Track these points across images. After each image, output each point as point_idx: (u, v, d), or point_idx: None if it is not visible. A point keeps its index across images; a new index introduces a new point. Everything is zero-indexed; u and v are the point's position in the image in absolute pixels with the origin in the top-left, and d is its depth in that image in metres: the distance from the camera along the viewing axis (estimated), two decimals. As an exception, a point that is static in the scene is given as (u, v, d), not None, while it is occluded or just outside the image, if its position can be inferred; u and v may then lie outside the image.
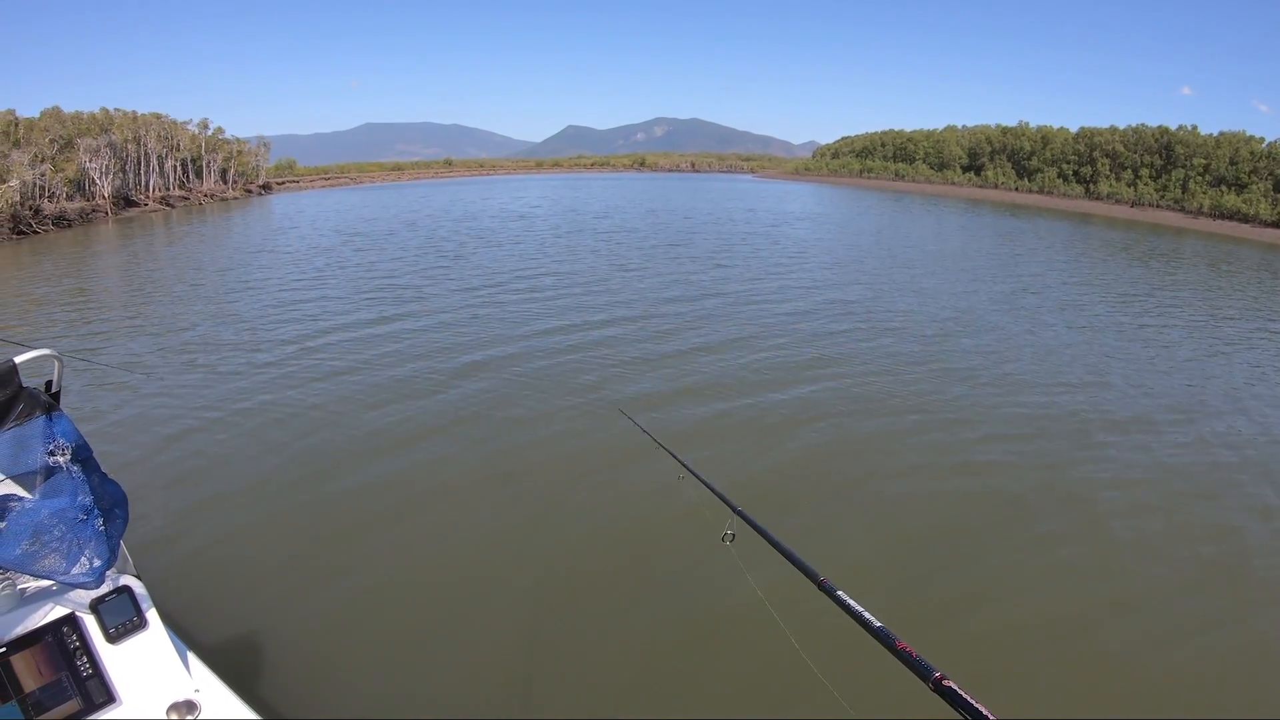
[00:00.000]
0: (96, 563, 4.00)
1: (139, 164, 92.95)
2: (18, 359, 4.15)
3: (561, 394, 15.61)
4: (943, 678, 1.82)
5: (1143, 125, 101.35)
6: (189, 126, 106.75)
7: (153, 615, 4.45)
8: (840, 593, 2.58)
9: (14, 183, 62.50)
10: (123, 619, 4.30)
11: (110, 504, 4.18)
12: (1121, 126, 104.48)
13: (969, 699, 1.67)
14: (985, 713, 1.54)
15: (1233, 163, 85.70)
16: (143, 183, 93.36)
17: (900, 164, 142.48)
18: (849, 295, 27.46)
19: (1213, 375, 19.19)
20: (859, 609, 2.45)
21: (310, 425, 13.72)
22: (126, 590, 4.44)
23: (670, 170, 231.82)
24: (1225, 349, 22.15)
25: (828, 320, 23.14)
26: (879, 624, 2.32)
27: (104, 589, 4.32)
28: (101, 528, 4.07)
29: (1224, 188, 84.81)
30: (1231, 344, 22.85)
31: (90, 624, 4.22)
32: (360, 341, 19.72)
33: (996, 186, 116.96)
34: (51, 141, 78.56)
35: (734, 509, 4.01)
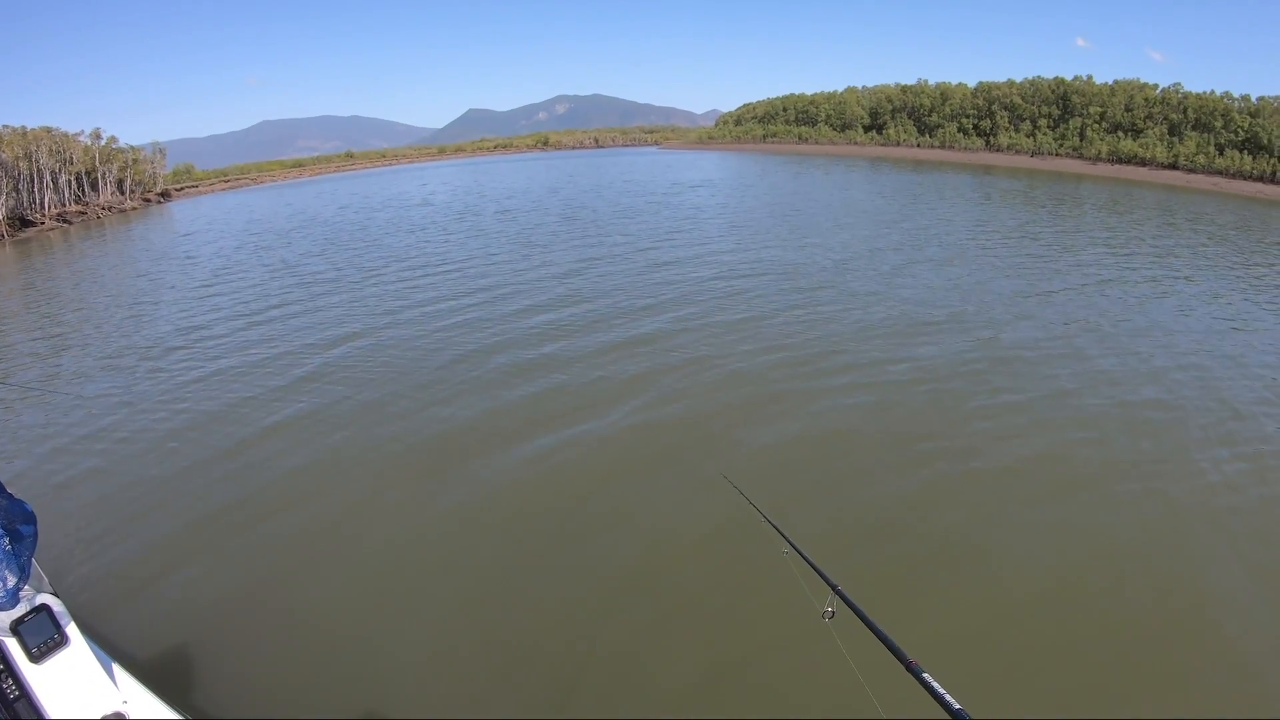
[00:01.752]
0: (9, 583, 4.17)
1: (32, 182, 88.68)
2: None
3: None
4: None
5: (1039, 77, 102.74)
6: (81, 138, 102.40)
7: (73, 631, 4.48)
8: (926, 675, 2.72)
9: None
10: (44, 638, 4.31)
11: (18, 523, 4.30)
12: (1019, 79, 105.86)
13: None
14: None
15: (1128, 109, 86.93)
16: (37, 201, 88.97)
17: (803, 127, 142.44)
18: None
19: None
20: (940, 691, 2.62)
21: (226, 437, 13.35)
22: (45, 609, 4.44)
23: (574, 148, 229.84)
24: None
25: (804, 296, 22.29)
26: (958, 706, 2.52)
27: (21, 609, 4.36)
28: (9, 547, 4.19)
29: (1120, 134, 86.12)
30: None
31: (12, 646, 4.23)
32: (289, 353, 18.56)
33: (899, 144, 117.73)
34: None
35: (833, 587, 3.88)
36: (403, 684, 7.37)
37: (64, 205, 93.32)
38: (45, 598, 4.61)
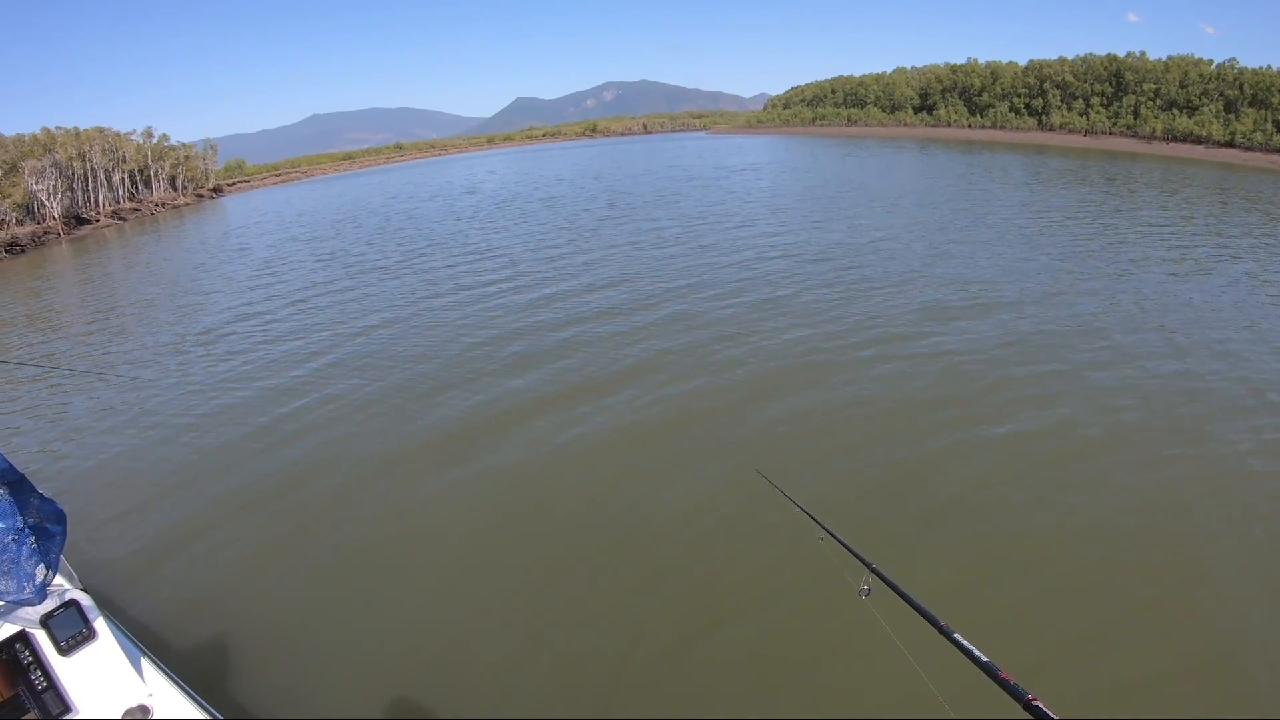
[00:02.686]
0: (37, 580, 4.27)
1: (86, 180, 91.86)
2: None
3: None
4: (1033, 698, 2.19)
5: (1091, 54, 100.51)
6: (133, 137, 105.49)
7: (101, 625, 4.60)
8: (956, 635, 2.89)
9: None
10: (72, 631, 4.45)
11: (47, 522, 4.44)
12: (1070, 57, 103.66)
13: (1051, 715, 2.04)
14: None
15: (1183, 86, 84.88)
16: (92, 199, 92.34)
17: (852, 109, 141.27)
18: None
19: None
20: (969, 646, 2.76)
21: (274, 437, 13.12)
22: (74, 604, 4.59)
23: (623, 134, 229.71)
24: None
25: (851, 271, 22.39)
26: (985, 659, 2.63)
27: (51, 604, 4.52)
28: (35, 545, 4.29)
29: (1175, 111, 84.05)
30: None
31: (42, 639, 4.39)
32: (327, 353, 18.32)
33: (950, 125, 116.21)
34: None
35: (869, 566, 4.01)
36: (435, 683, 7.32)
37: (118, 202, 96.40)
38: (75, 593, 4.77)
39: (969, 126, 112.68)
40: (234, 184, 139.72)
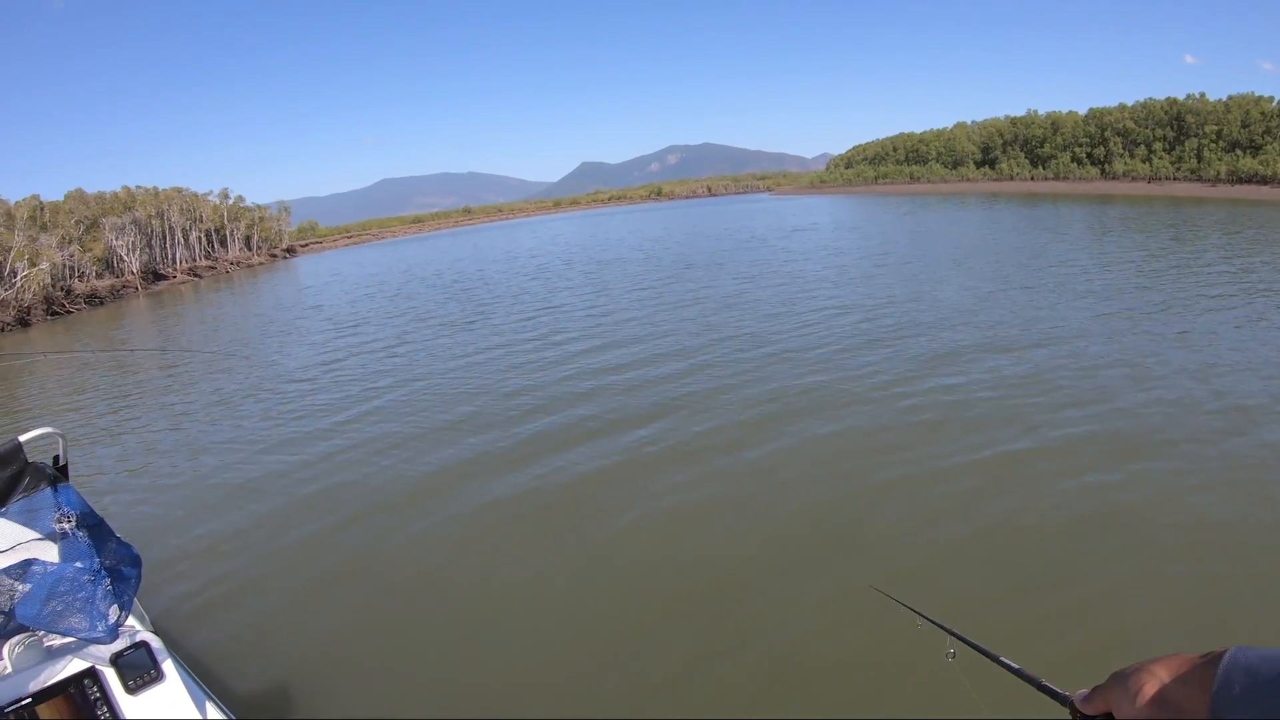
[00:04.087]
0: (110, 620, 4.19)
1: (164, 238, 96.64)
2: (22, 438, 4.46)
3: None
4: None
5: (1151, 99, 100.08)
6: (210, 198, 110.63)
7: (169, 667, 4.59)
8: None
9: (44, 265, 65.34)
10: (141, 671, 4.45)
11: (123, 565, 4.41)
12: (1130, 103, 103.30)
13: None
14: None
15: (1244, 125, 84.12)
16: (169, 256, 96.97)
17: (914, 166, 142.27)
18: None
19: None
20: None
21: (343, 486, 12.52)
22: (144, 645, 4.59)
23: (687, 197, 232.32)
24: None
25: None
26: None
27: (122, 644, 4.50)
28: (110, 587, 4.29)
29: (1239, 151, 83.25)
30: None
31: (110, 676, 4.37)
32: (420, 400, 17.64)
33: (1012, 178, 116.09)
34: (77, 223, 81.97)
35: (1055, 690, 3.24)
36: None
37: (194, 260, 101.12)
38: (145, 634, 4.80)
39: (1031, 179, 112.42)
40: (307, 245, 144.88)
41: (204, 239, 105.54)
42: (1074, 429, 11.83)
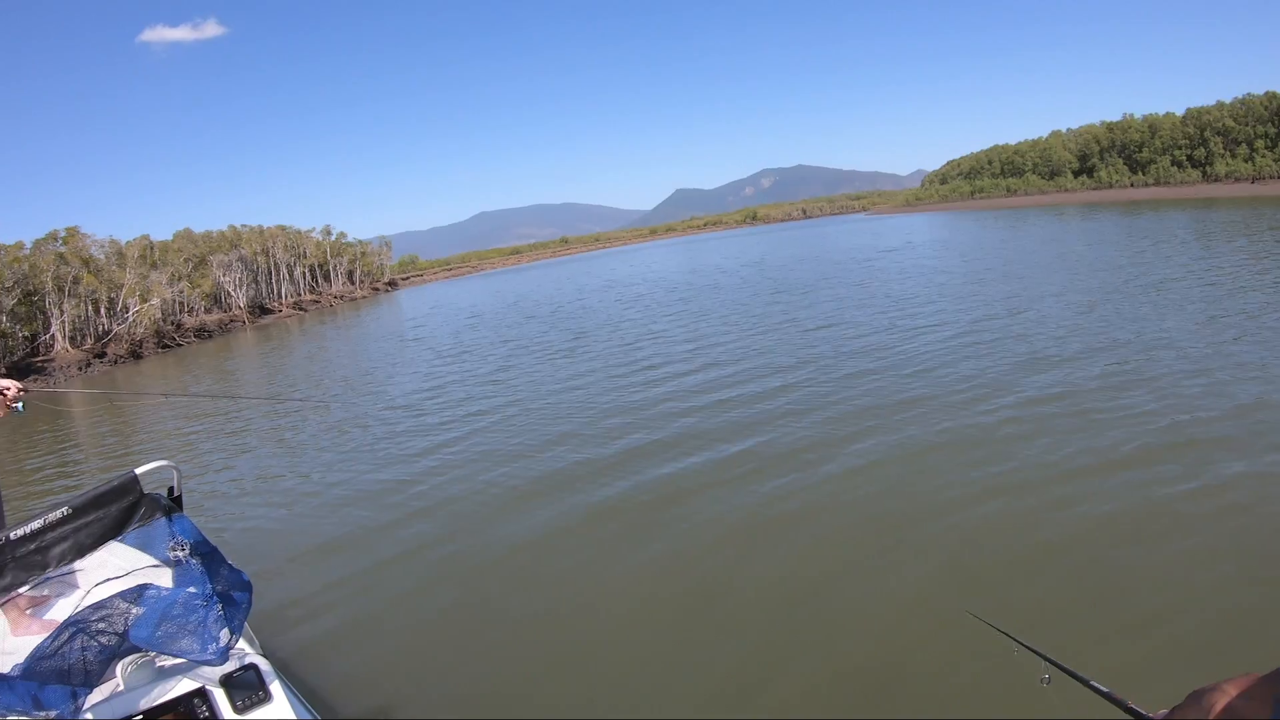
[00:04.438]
0: (221, 642, 4.40)
1: (269, 274, 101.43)
2: (138, 470, 4.59)
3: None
4: None
5: (1250, 95, 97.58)
6: (313, 234, 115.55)
7: (277, 689, 4.68)
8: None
9: (155, 301, 70.11)
10: (249, 693, 4.57)
11: (234, 590, 4.62)
12: (1228, 100, 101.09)
13: None
14: None
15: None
16: (275, 290, 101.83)
17: (1010, 179, 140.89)
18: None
19: None
20: None
21: (450, 511, 12.39)
22: (253, 668, 4.75)
23: (783, 220, 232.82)
24: None
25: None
26: None
27: (231, 666, 4.66)
28: (222, 612, 4.49)
29: (1349, 143, 79.53)
30: None
31: (219, 697, 4.51)
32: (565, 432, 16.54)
33: (1111, 186, 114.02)
34: (186, 260, 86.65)
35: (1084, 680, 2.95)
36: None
37: (299, 294, 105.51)
38: (255, 658, 4.91)
39: (1131, 186, 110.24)
40: (408, 278, 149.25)
41: (308, 274, 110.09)
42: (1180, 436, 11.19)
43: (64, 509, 4.28)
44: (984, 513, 9.57)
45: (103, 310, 66.26)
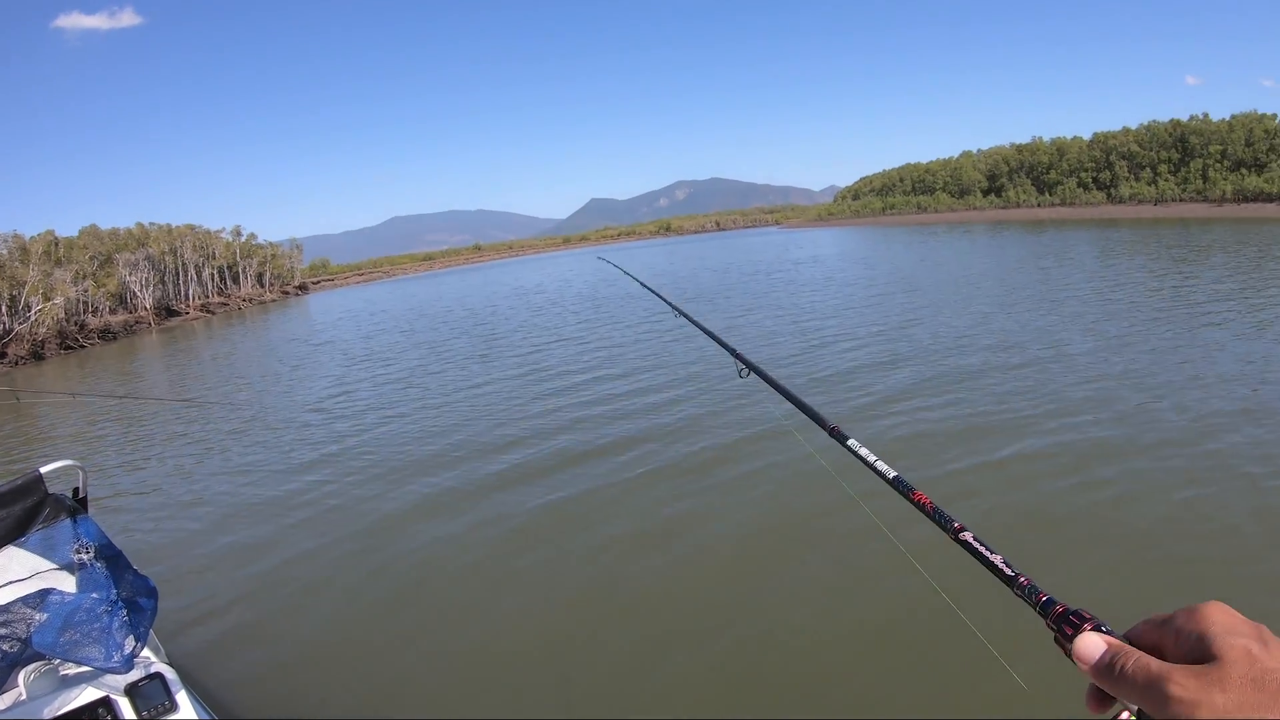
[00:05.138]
0: (125, 650, 4.26)
1: (177, 275, 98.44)
2: (43, 469, 4.52)
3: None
4: (961, 528, 1.70)
5: (1154, 121, 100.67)
6: (223, 235, 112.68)
7: (183, 698, 4.59)
8: (852, 441, 2.29)
9: (58, 300, 66.69)
10: (155, 703, 4.46)
11: (139, 597, 4.47)
12: (1134, 126, 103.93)
13: (986, 550, 1.58)
14: (1002, 564, 1.46)
15: (1248, 144, 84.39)
16: (182, 292, 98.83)
17: (921, 196, 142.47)
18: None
19: None
20: (872, 458, 2.17)
21: (364, 509, 12.57)
22: (159, 676, 4.62)
23: (696, 232, 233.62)
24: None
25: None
26: (894, 473, 2.06)
27: (136, 675, 4.55)
28: (127, 618, 4.36)
29: (1244, 170, 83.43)
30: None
31: (124, 706, 4.39)
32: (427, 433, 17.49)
33: (1019, 205, 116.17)
34: (91, 258, 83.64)
35: (734, 352, 3.92)
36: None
37: (207, 296, 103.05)
38: (160, 666, 4.84)
39: (1038, 206, 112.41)
40: (318, 282, 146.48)
41: (217, 276, 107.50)
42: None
43: None
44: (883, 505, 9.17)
45: (3, 308, 63.01)
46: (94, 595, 4.36)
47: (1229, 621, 0.80)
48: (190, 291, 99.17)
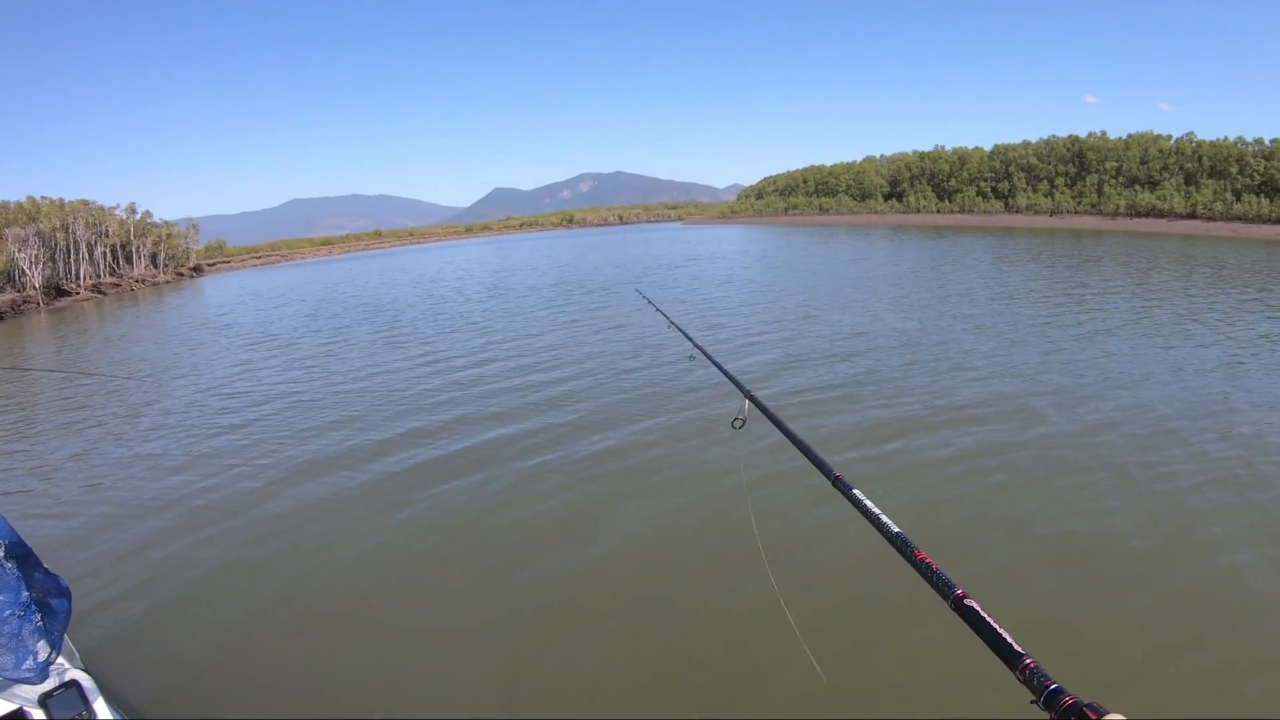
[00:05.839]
0: (40, 657, 4.12)
1: (68, 252, 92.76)
2: None
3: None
4: (964, 595, 1.67)
5: (1054, 136, 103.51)
6: (117, 212, 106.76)
7: (101, 707, 4.35)
8: (856, 491, 2.28)
9: None
10: (71, 713, 4.22)
11: (51, 598, 4.29)
12: (1034, 140, 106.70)
13: (991, 622, 1.53)
14: (1009, 639, 1.42)
15: (1143, 162, 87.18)
16: (73, 271, 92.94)
17: (824, 198, 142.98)
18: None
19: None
20: (875, 510, 2.11)
21: (257, 499, 12.44)
22: (75, 684, 4.38)
23: (599, 225, 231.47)
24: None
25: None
26: (897, 529, 2.01)
27: (50, 684, 4.31)
28: (40, 623, 4.18)
29: (1138, 187, 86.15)
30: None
31: (39, 717, 4.12)
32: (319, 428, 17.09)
33: (919, 211, 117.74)
34: None
35: (746, 392, 3.75)
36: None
37: (99, 276, 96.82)
38: (75, 673, 4.55)
39: (938, 212, 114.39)
40: (214, 264, 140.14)
41: (109, 254, 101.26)
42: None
43: None
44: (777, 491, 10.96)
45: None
46: (2, 598, 4.07)
47: None
48: (82, 270, 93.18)
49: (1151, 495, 10.35)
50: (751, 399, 3.66)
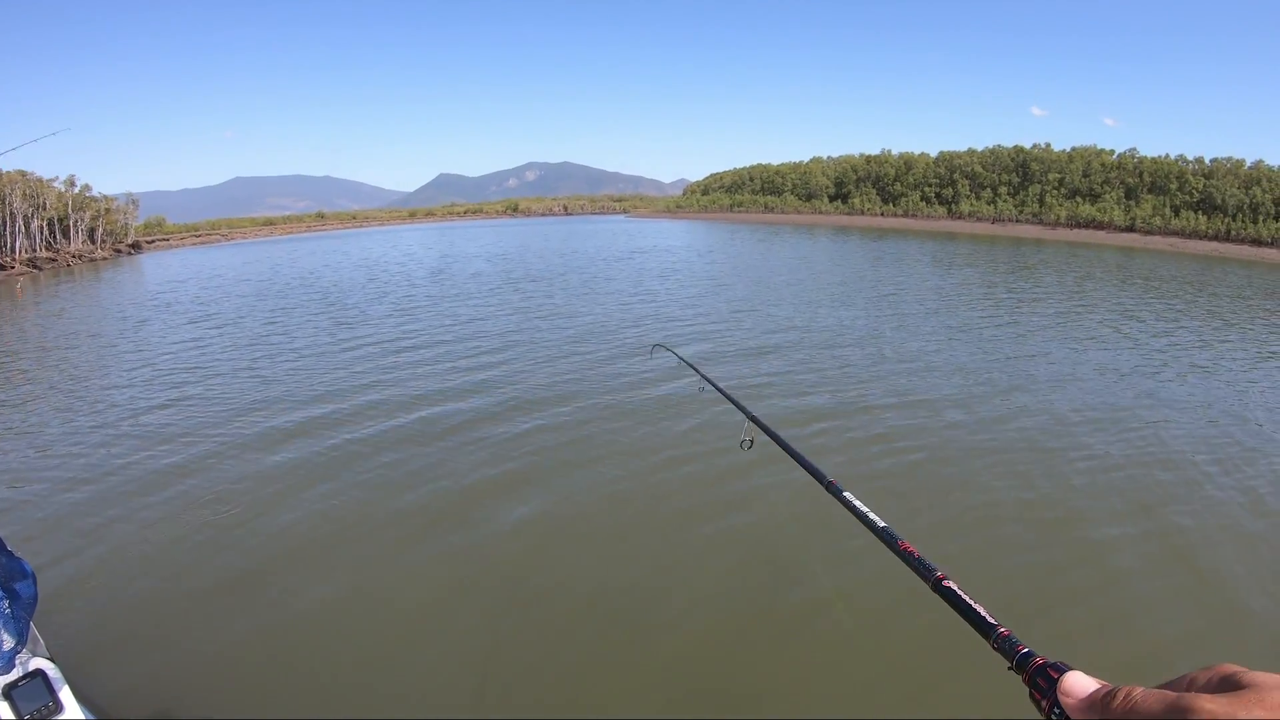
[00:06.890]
0: (4, 646, 4.02)
1: (3, 225, 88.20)
2: None
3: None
4: (943, 577, 1.81)
5: (999, 146, 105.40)
6: (55, 184, 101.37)
7: (67, 697, 4.26)
8: (847, 494, 2.51)
9: None
10: (37, 704, 4.12)
11: (16, 582, 4.17)
12: (979, 148, 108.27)
13: (968, 599, 1.66)
14: (983, 613, 1.55)
15: (1085, 175, 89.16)
16: (7, 244, 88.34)
17: (769, 197, 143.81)
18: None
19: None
20: (864, 509, 2.34)
21: (216, 485, 11.84)
22: (40, 674, 4.26)
23: (544, 215, 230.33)
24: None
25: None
26: (883, 524, 2.22)
27: (14, 674, 4.20)
28: (8, 609, 4.09)
29: (1079, 199, 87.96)
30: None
31: (3, 711, 4.04)
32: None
33: (863, 213, 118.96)
34: None
35: (750, 416, 3.95)
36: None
37: (34, 251, 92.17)
38: (40, 662, 4.43)
39: (882, 215, 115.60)
40: (153, 241, 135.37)
41: (46, 228, 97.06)
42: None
43: None
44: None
45: None
46: None
47: (1254, 673, 0.76)
48: (17, 244, 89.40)
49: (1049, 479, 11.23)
50: (756, 422, 3.83)
